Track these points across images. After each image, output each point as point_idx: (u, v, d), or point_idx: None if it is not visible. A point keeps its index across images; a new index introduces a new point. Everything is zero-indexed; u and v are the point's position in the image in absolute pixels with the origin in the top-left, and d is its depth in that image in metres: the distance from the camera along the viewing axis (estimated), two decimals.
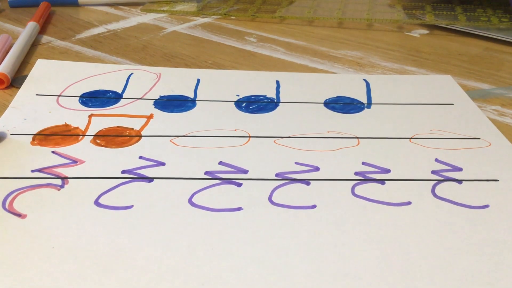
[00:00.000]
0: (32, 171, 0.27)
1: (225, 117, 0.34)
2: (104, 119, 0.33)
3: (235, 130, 0.32)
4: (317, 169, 0.28)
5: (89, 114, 0.33)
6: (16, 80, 0.39)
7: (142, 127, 0.32)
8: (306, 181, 0.27)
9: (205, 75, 0.40)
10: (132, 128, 0.32)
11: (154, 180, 0.27)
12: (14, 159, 0.28)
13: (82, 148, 0.29)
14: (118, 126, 0.32)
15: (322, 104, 0.36)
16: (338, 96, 0.37)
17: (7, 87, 0.38)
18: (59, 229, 0.23)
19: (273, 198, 0.26)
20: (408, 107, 0.36)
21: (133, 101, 0.35)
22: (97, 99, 0.36)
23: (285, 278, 0.21)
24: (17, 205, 0.25)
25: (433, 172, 0.28)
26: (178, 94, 0.37)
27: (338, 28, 0.55)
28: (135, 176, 0.27)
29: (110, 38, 0.49)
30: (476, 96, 0.38)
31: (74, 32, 0.51)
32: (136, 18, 0.56)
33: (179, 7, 0.59)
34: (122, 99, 0.36)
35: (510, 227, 0.24)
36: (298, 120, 0.34)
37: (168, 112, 0.34)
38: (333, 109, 0.35)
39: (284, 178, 0.27)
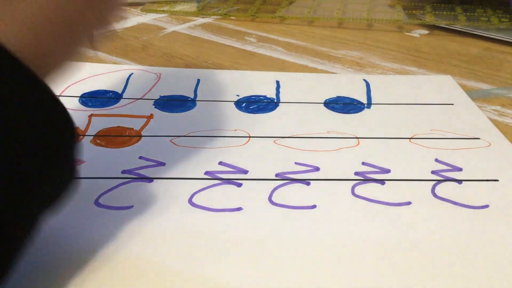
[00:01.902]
0: None
1: (225, 117, 0.34)
2: (104, 119, 0.33)
3: (235, 130, 0.32)
4: (317, 169, 0.28)
5: (89, 114, 0.33)
6: None
7: (142, 127, 0.32)
8: (306, 181, 0.27)
9: (205, 75, 0.40)
10: (132, 128, 0.32)
11: (154, 180, 0.27)
12: None
13: (82, 148, 0.29)
14: (118, 126, 0.32)
15: (322, 104, 0.36)
16: (338, 96, 0.37)
17: None
18: (59, 229, 0.23)
19: (273, 198, 0.26)
20: (408, 107, 0.36)
21: (133, 101, 0.35)
22: (97, 99, 0.36)
23: (285, 278, 0.21)
24: None
25: (433, 172, 0.28)
26: (178, 94, 0.37)
27: (338, 28, 0.55)
28: (135, 176, 0.27)
29: (110, 38, 0.49)
30: (476, 96, 0.38)
31: None
32: (136, 18, 0.56)
33: (179, 7, 0.59)
34: (122, 99, 0.36)
35: (510, 227, 0.24)
36: (298, 120, 0.34)
37: (168, 112, 0.34)
38: (333, 109, 0.35)
39: (284, 178, 0.27)
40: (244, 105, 0.36)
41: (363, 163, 0.29)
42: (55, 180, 0.19)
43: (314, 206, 0.25)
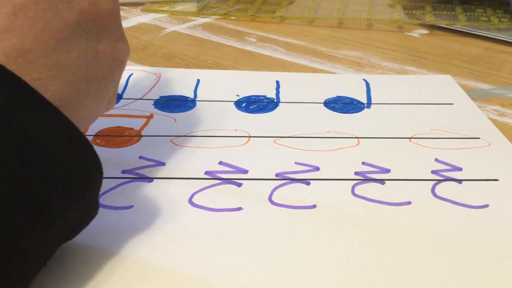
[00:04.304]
0: None
1: (225, 117, 0.34)
2: (104, 119, 0.33)
3: (235, 130, 0.32)
4: (317, 169, 0.28)
5: None
6: None
7: (142, 127, 0.32)
8: (306, 181, 0.27)
9: (205, 75, 0.40)
10: (132, 128, 0.32)
11: (154, 180, 0.27)
12: None
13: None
14: (118, 126, 0.32)
15: (322, 104, 0.36)
16: (338, 96, 0.37)
17: None
18: None
19: (273, 198, 0.26)
20: (408, 107, 0.36)
21: (133, 101, 0.35)
22: None
23: (285, 278, 0.21)
24: None
25: (433, 172, 0.28)
26: (178, 94, 0.37)
27: (338, 28, 0.55)
28: (135, 176, 0.27)
29: None
30: (476, 96, 0.38)
31: None
32: (136, 18, 0.56)
33: (179, 7, 0.59)
34: (122, 99, 0.36)
35: (510, 227, 0.24)
36: (298, 120, 0.34)
37: (168, 112, 0.34)
38: (333, 109, 0.35)
39: (284, 178, 0.27)
40: (244, 105, 0.36)
41: (363, 163, 0.29)
42: (78, 215, 0.19)
43: (314, 206, 0.25)
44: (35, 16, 0.18)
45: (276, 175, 0.28)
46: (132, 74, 0.40)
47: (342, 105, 0.36)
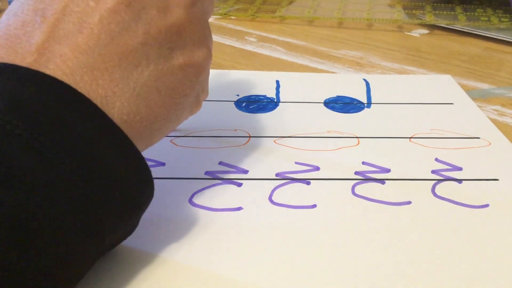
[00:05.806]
0: None
1: (225, 117, 0.34)
2: None
3: (235, 130, 0.32)
4: (317, 169, 0.28)
5: None
6: None
7: None
8: (306, 181, 0.27)
9: None
10: None
11: (154, 180, 0.27)
12: None
13: None
14: None
15: (322, 104, 0.36)
16: (338, 96, 0.37)
17: None
18: None
19: (273, 198, 0.26)
20: (408, 107, 0.36)
21: None
22: None
23: (285, 278, 0.21)
24: None
25: (433, 171, 0.28)
26: None
27: (338, 28, 0.55)
28: None
29: None
30: (476, 96, 0.38)
31: None
32: None
33: None
34: None
35: (510, 227, 0.24)
36: (298, 120, 0.34)
37: None
38: (333, 108, 0.35)
39: (284, 178, 0.27)
40: (244, 105, 0.36)
41: (363, 163, 0.29)
42: (123, 234, 0.20)
43: (314, 206, 0.25)
44: (100, 33, 0.19)
45: (276, 175, 0.28)
46: None
47: (342, 105, 0.36)
